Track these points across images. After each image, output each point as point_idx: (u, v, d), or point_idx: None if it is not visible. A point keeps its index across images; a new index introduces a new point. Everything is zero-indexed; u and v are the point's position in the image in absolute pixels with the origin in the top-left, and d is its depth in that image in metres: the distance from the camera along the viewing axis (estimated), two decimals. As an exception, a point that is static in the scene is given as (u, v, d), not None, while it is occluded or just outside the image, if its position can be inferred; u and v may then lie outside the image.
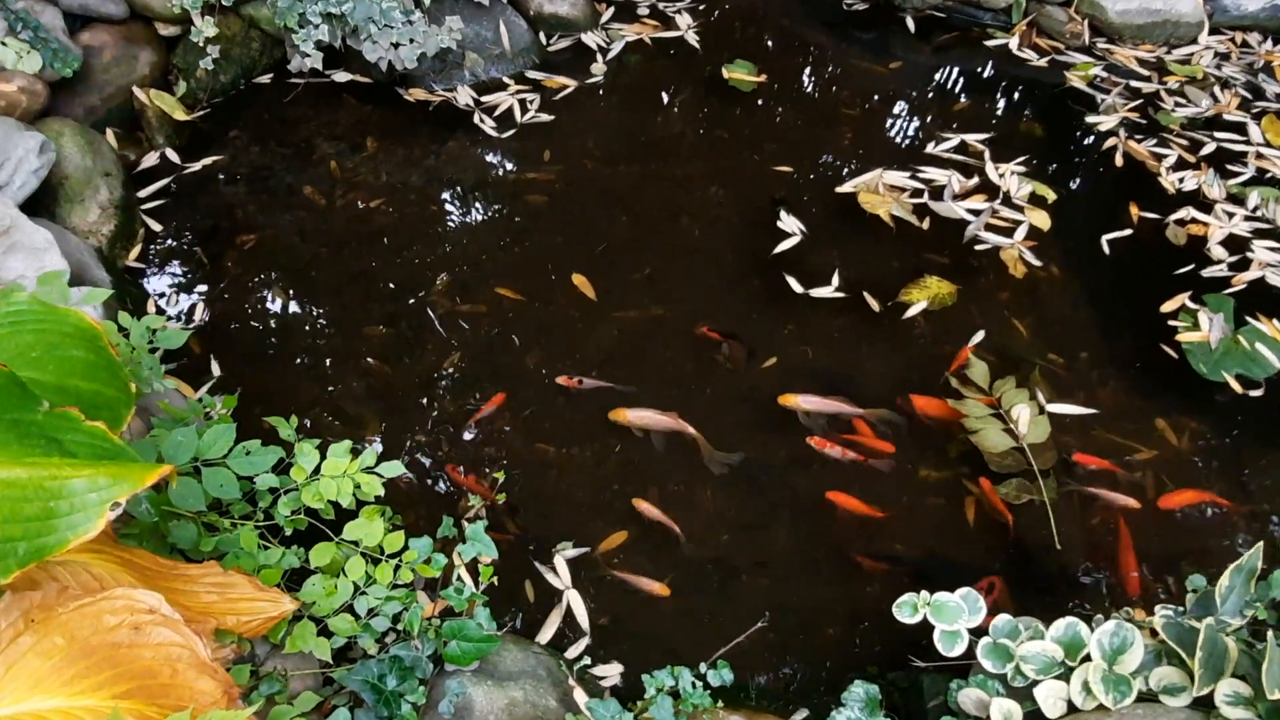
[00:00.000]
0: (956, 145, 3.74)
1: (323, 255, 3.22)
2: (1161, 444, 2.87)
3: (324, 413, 2.78)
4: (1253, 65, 4.25)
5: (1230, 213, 3.49)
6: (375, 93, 3.78)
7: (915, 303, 3.14)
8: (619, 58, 4.06)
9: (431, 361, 2.92)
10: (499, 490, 2.58)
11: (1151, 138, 3.83)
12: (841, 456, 2.73)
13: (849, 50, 4.26)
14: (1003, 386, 2.92)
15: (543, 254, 3.26)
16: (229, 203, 3.36)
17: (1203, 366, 3.03)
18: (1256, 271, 3.27)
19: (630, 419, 2.76)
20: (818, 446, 2.73)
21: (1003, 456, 2.79)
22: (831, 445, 2.74)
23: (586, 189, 3.50)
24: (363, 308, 3.07)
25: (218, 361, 2.85)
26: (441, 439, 2.73)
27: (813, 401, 2.83)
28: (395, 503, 2.53)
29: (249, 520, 2.06)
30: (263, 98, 3.73)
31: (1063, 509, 2.68)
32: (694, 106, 3.91)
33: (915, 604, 2.14)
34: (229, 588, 1.81)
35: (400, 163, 3.55)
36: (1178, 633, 1.80)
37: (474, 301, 3.10)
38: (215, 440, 1.93)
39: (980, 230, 3.38)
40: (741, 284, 3.22)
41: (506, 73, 3.90)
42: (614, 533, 2.56)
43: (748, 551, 2.55)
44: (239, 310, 3.03)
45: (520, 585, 2.45)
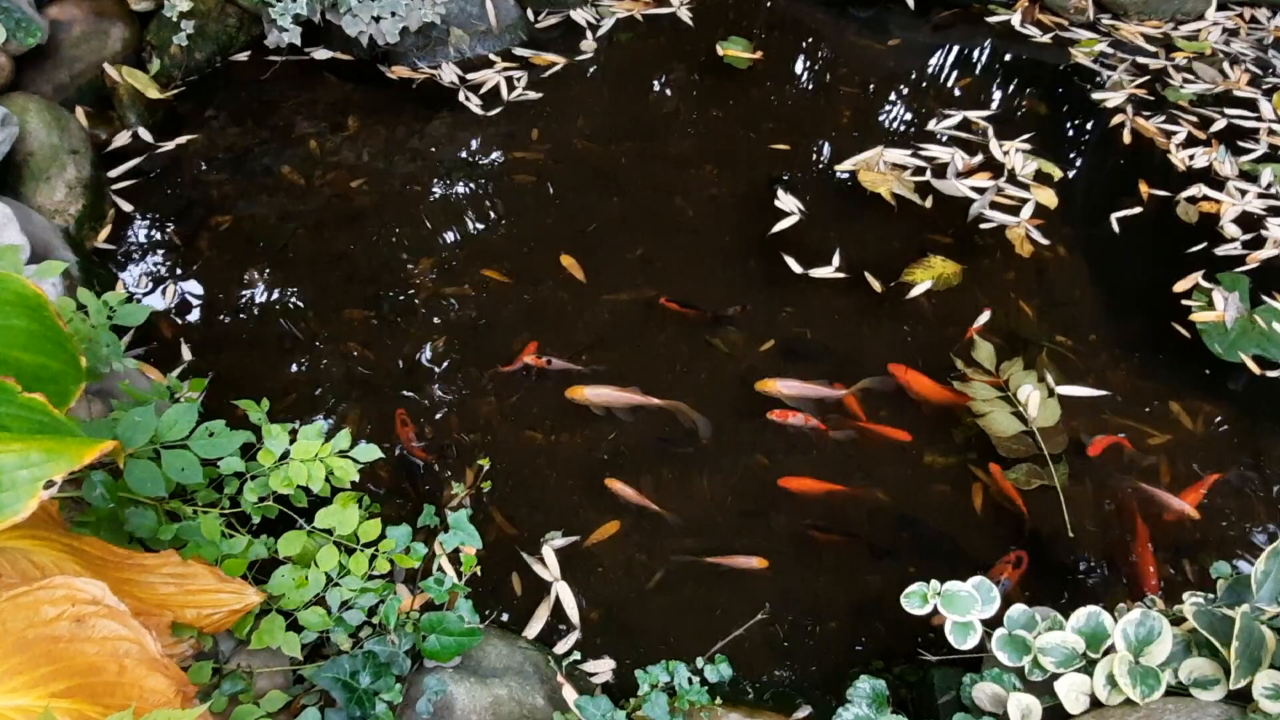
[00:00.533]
0: (959, 123, 3.62)
1: (301, 237, 3.09)
2: (1176, 428, 2.75)
3: (302, 398, 2.65)
4: (1262, 41, 4.14)
5: (1243, 190, 3.37)
6: (357, 70, 3.64)
7: (919, 283, 3.01)
8: (609, 35, 3.93)
9: (415, 345, 2.79)
10: (484, 478, 2.45)
11: (1160, 114, 3.71)
12: (804, 424, 2.61)
13: (846, 27, 4.14)
14: (1010, 368, 2.80)
15: (531, 235, 3.13)
16: (204, 183, 3.22)
17: (1218, 347, 2.91)
18: (1272, 249, 3.16)
19: (588, 396, 2.63)
20: (778, 420, 2.61)
21: (1012, 441, 2.66)
22: (792, 415, 2.61)
23: (576, 168, 3.37)
24: (343, 290, 2.94)
25: (189, 345, 2.72)
26: (425, 424, 2.60)
27: (793, 386, 2.69)
28: (376, 490, 2.41)
29: (214, 508, 1.92)
30: (240, 76, 3.59)
31: (1075, 494, 2.56)
32: (687, 84, 3.78)
33: (925, 594, 2.01)
34: (188, 579, 1.67)
35: (382, 142, 3.42)
36: (1210, 621, 1.67)
37: (459, 284, 2.96)
38: (176, 421, 1.80)
39: (985, 208, 3.25)
40: (738, 264, 3.09)
41: (493, 50, 3.77)
42: (606, 522, 2.44)
43: (746, 539, 2.43)
44: (213, 293, 2.90)
45: (507, 577, 2.32)
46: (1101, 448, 2.61)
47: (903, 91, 3.84)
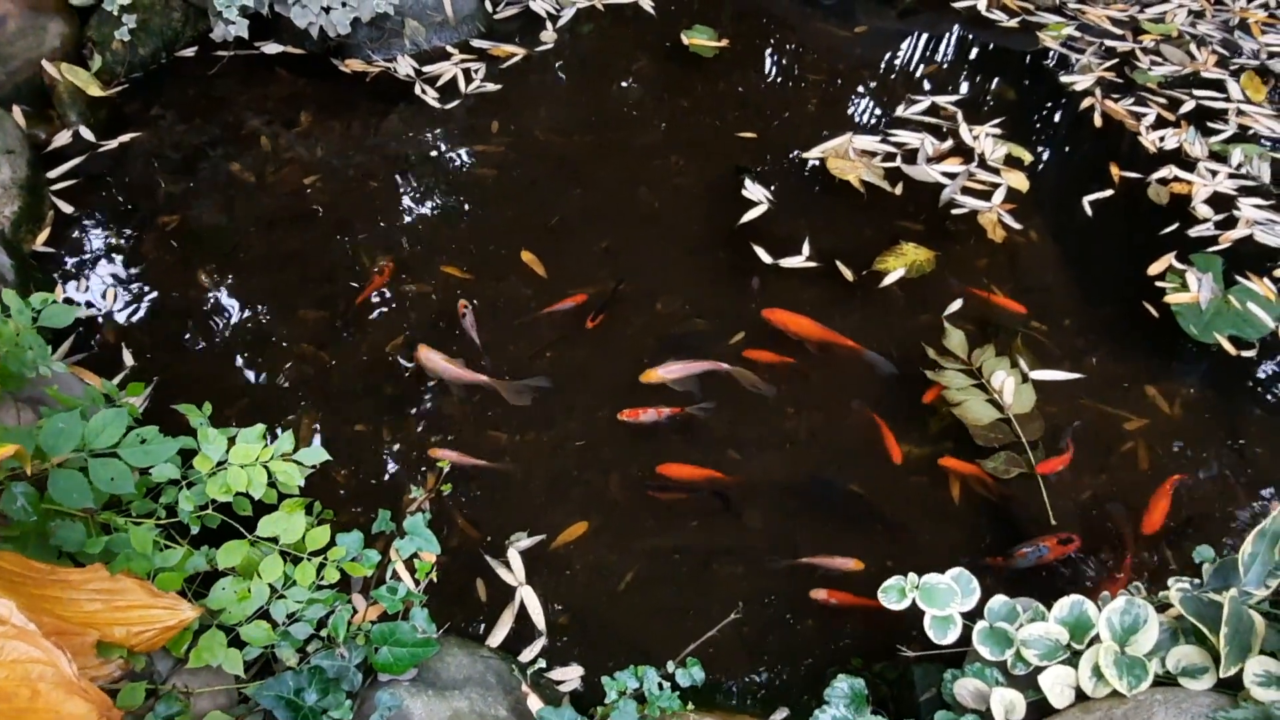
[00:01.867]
0: (927, 108, 3.56)
1: (252, 236, 2.97)
2: (1153, 411, 2.70)
3: (254, 402, 2.53)
4: (1228, 23, 4.12)
5: (1214, 170, 3.34)
6: (309, 64, 3.52)
7: (892, 270, 2.94)
8: (571, 25, 3.84)
9: (372, 346, 2.68)
10: (444, 480, 2.35)
11: (1129, 97, 3.67)
12: (658, 417, 2.52)
13: (812, 15, 4.07)
14: (982, 355, 2.73)
15: (492, 230, 3.03)
16: (149, 183, 3.09)
17: (1193, 328, 2.86)
18: (1244, 229, 3.12)
19: (424, 359, 2.55)
20: (628, 418, 2.51)
21: (988, 429, 2.60)
22: (644, 412, 2.52)
23: (538, 161, 3.28)
24: (297, 290, 2.83)
25: (132, 350, 2.59)
26: (382, 427, 2.49)
27: (675, 369, 2.59)
28: (329, 497, 2.29)
29: (150, 519, 1.81)
30: (186, 72, 3.46)
31: (1054, 481, 2.49)
32: (651, 74, 3.69)
33: (903, 588, 1.94)
34: (117, 594, 1.56)
35: (337, 137, 3.30)
36: (1197, 607, 1.61)
37: (418, 281, 2.86)
38: (104, 427, 1.68)
39: (956, 194, 3.19)
40: (706, 255, 3.01)
41: (450, 41, 3.66)
42: (573, 523, 2.34)
43: (717, 537, 2.34)
44: (159, 295, 2.77)
45: (470, 583, 2.22)
46: (1052, 469, 2.49)
47: (870, 78, 3.78)
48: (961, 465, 2.49)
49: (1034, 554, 2.29)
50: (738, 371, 2.64)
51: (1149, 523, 2.38)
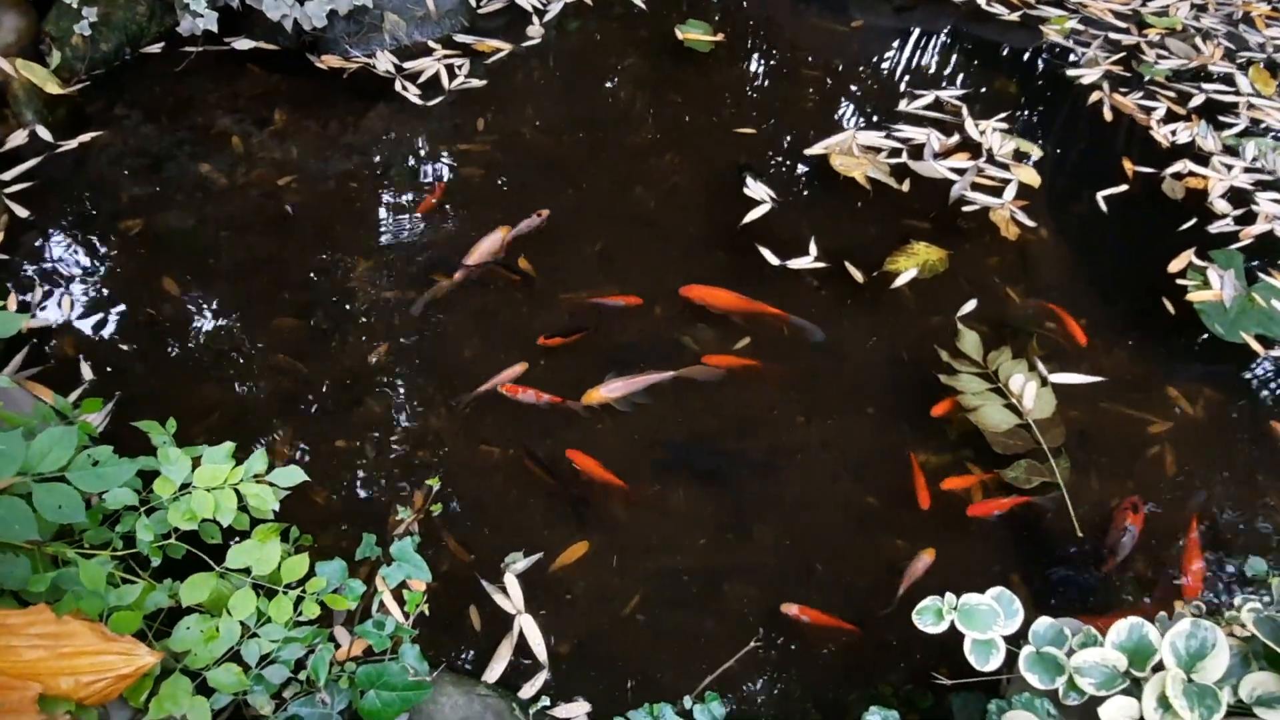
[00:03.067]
0: (931, 102, 3.43)
1: (223, 240, 2.78)
2: (1177, 414, 2.56)
3: (226, 418, 2.34)
4: (1232, 16, 4.03)
5: (1228, 165, 3.23)
6: (283, 61, 3.33)
7: (903, 271, 2.80)
8: (558, 20, 3.68)
9: (353, 356, 2.49)
10: (434, 500, 2.17)
11: (1137, 91, 3.56)
12: (536, 400, 2.38)
13: (806, 10, 3.94)
14: (998, 358, 2.59)
15: (478, 232, 2.84)
16: (111, 185, 2.89)
17: (1219, 327, 2.73)
18: (1264, 225, 3.01)
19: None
20: (508, 394, 2.38)
21: (1007, 436, 2.45)
22: (524, 391, 2.39)
23: (526, 160, 3.11)
24: (271, 297, 2.64)
25: (91, 363, 2.39)
26: (366, 443, 2.31)
27: (618, 386, 2.43)
28: (309, 520, 2.10)
29: (106, 549, 1.61)
30: (152, 69, 3.27)
31: (1080, 490, 2.35)
32: (643, 69, 3.54)
33: (939, 609, 1.77)
34: (64, 639, 1.37)
35: (313, 136, 3.12)
36: (1273, 629, 1.46)
37: (401, 287, 2.68)
38: (50, 449, 1.49)
39: (966, 190, 3.06)
40: (708, 257, 2.85)
41: (432, 36, 3.49)
42: (574, 543, 2.16)
43: (730, 556, 2.17)
44: (121, 304, 2.57)
45: (464, 611, 2.03)
46: (983, 512, 2.31)
47: (869, 74, 3.65)
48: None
49: (1128, 539, 2.21)
50: (686, 373, 2.48)
51: (1189, 569, 2.23)
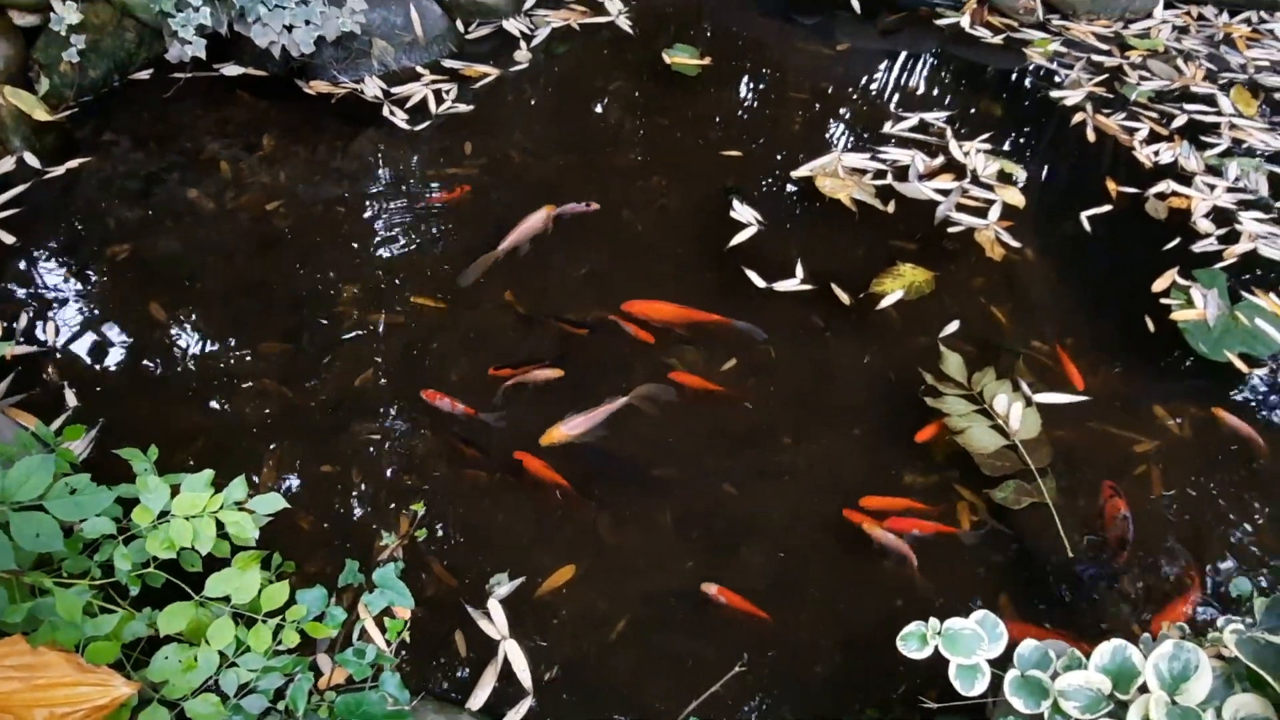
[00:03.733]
0: (915, 125, 3.46)
1: (211, 265, 2.78)
2: (1163, 433, 2.57)
3: (211, 443, 2.33)
4: (1213, 38, 4.08)
5: (1211, 184, 3.25)
6: (272, 86, 3.36)
7: (890, 293, 2.81)
8: (545, 45, 3.71)
9: (340, 380, 2.49)
10: (419, 524, 2.16)
11: (1120, 112, 3.60)
12: (451, 409, 2.39)
13: (793, 33, 3.98)
14: (982, 379, 2.59)
15: (466, 256, 2.85)
16: (99, 211, 2.90)
17: (1203, 346, 2.75)
18: (1247, 244, 3.03)
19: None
20: (429, 400, 2.40)
21: (994, 457, 2.45)
22: (439, 398, 2.40)
23: (513, 183, 3.12)
24: (258, 322, 2.64)
25: (76, 390, 2.39)
26: (352, 467, 2.30)
27: (578, 423, 2.40)
28: (292, 546, 2.08)
29: (85, 578, 1.60)
30: (141, 95, 3.29)
31: (1068, 510, 2.35)
32: (630, 93, 3.57)
33: (923, 634, 1.76)
34: (38, 670, 1.36)
35: (301, 161, 3.13)
36: (1256, 651, 1.45)
37: (389, 311, 2.68)
38: (28, 478, 1.48)
39: (951, 211, 3.08)
40: (694, 280, 2.85)
41: (420, 62, 3.52)
42: (560, 567, 2.15)
43: (717, 579, 2.16)
44: (108, 330, 2.57)
45: (449, 637, 2.02)
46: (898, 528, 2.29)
47: (855, 96, 3.68)
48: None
49: (1127, 524, 2.28)
50: (640, 394, 2.48)
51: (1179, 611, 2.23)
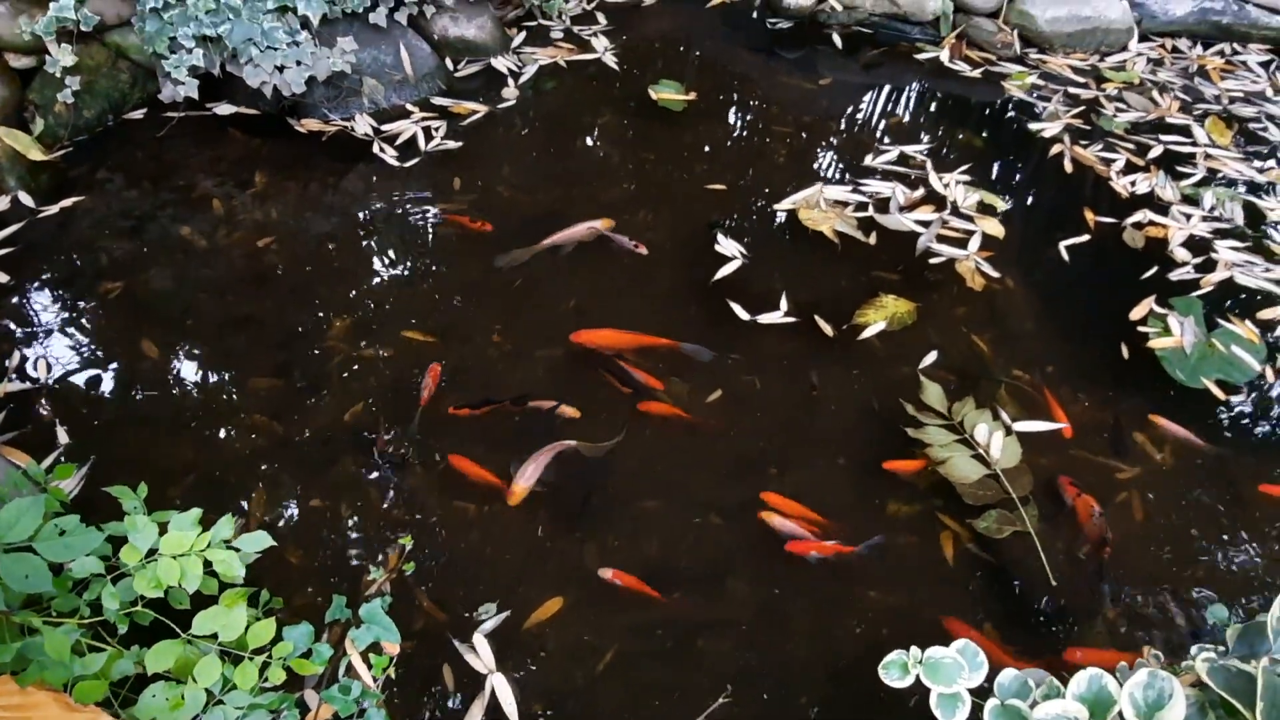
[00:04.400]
0: (896, 157, 3.53)
1: (202, 301, 2.82)
2: (1144, 460, 2.60)
3: (201, 479, 2.35)
4: (1187, 70, 4.17)
5: (1187, 214, 3.32)
6: (263, 125, 3.41)
7: (872, 324, 2.85)
8: (533, 82, 3.78)
9: (329, 414, 2.52)
10: (406, 559, 2.18)
11: (1097, 143, 3.67)
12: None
13: (776, 68, 4.06)
14: (962, 409, 2.63)
15: (455, 290, 2.90)
16: (92, 249, 2.94)
17: (1180, 374, 2.79)
18: (1224, 272, 3.08)
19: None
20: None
21: (977, 486, 2.48)
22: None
23: (502, 218, 3.17)
24: (249, 357, 2.67)
25: (68, 427, 2.41)
26: (340, 502, 2.32)
27: (530, 471, 2.38)
28: (280, 581, 2.10)
29: (73, 617, 1.62)
30: (134, 134, 3.34)
31: (1050, 538, 2.37)
32: (617, 128, 3.63)
33: (904, 663, 1.78)
34: (27, 710, 1.37)
35: (293, 198, 3.18)
36: (1227, 679, 1.48)
37: (379, 345, 2.71)
38: (18, 519, 1.50)
39: (932, 242, 3.13)
40: (680, 313, 2.89)
41: (410, 99, 3.58)
42: (547, 599, 2.17)
43: (703, 610, 2.18)
44: (99, 367, 2.60)
45: (436, 672, 2.03)
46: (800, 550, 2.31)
47: (837, 129, 3.75)
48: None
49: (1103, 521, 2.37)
50: (582, 446, 2.48)
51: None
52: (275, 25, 3.05)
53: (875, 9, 4.23)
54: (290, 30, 3.09)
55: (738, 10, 4.45)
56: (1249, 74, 4.25)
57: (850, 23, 4.25)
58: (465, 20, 3.74)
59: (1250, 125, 3.88)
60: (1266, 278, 3.10)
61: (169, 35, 3.01)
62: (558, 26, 4.10)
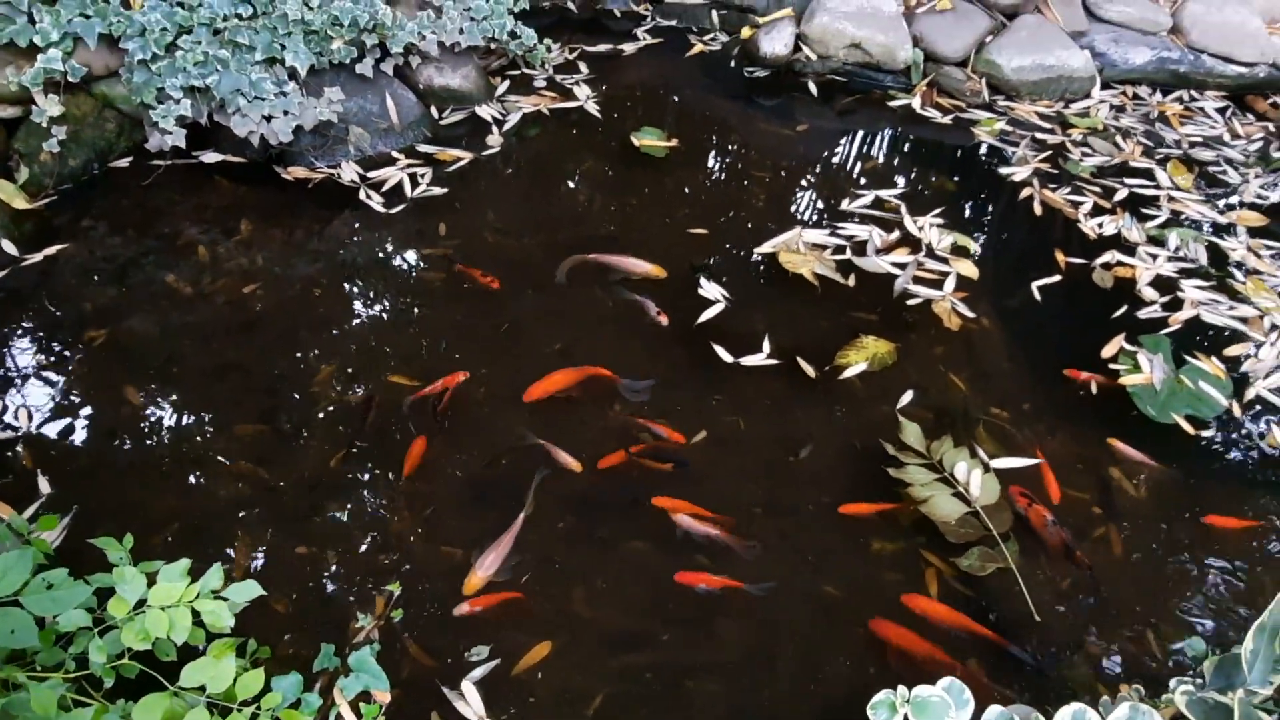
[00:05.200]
0: (872, 201, 3.62)
1: (187, 348, 2.82)
2: (1120, 494, 2.66)
3: (186, 527, 2.34)
4: (1148, 115, 4.33)
5: (1154, 254, 3.43)
6: (250, 173, 3.45)
7: (853, 365, 2.90)
8: (517, 129, 3.85)
9: (316, 460, 2.52)
10: (395, 605, 2.17)
11: (1065, 186, 3.79)
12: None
13: (755, 115, 4.17)
14: (940, 447, 2.68)
15: (440, 334, 2.93)
16: (76, 296, 2.94)
17: (1151, 410, 2.86)
18: (1190, 310, 3.18)
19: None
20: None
21: (959, 525, 2.52)
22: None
23: (487, 263, 3.21)
24: (235, 404, 2.67)
25: (49, 476, 2.39)
26: (327, 549, 2.32)
27: (490, 560, 2.31)
28: (268, 630, 2.09)
29: (59, 671, 1.60)
30: (120, 182, 3.36)
31: (1031, 573, 2.41)
32: (599, 174, 3.70)
33: (893, 703, 1.80)
34: (12, 769, 1.35)
35: (278, 245, 3.20)
36: (1204, 711, 1.51)
37: (364, 391, 2.73)
38: (4, 574, 1.50)
39: (909, 284, 3.21)
40: (665, 356, 2.93)
41: (395, 147, 3.63)
42: (536, 644, 2.17)
43: (692, 652, 2.19)
44: (82, 415, 2.59)
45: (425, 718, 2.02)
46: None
47: (815, 174, 3.84)
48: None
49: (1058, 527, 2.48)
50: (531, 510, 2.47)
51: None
52: (263, 76, 3.10)
53: (848, 58, 4.36)
54: (278, 81, 3.14)
55: (716, 59, 4.57)
56: (1207, 119, 4.42)
57: (825, 71, 4.38)
58: (450, 70, 3.82)
59: (1210, 169, 4.03)
60: (1231, 315, 3.20)
61: (157, 86, 3.05)
62: (541, 75, 4.19)
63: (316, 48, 3.29)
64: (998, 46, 4.35)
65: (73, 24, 3.04)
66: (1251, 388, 2.96)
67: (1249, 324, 3.17)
